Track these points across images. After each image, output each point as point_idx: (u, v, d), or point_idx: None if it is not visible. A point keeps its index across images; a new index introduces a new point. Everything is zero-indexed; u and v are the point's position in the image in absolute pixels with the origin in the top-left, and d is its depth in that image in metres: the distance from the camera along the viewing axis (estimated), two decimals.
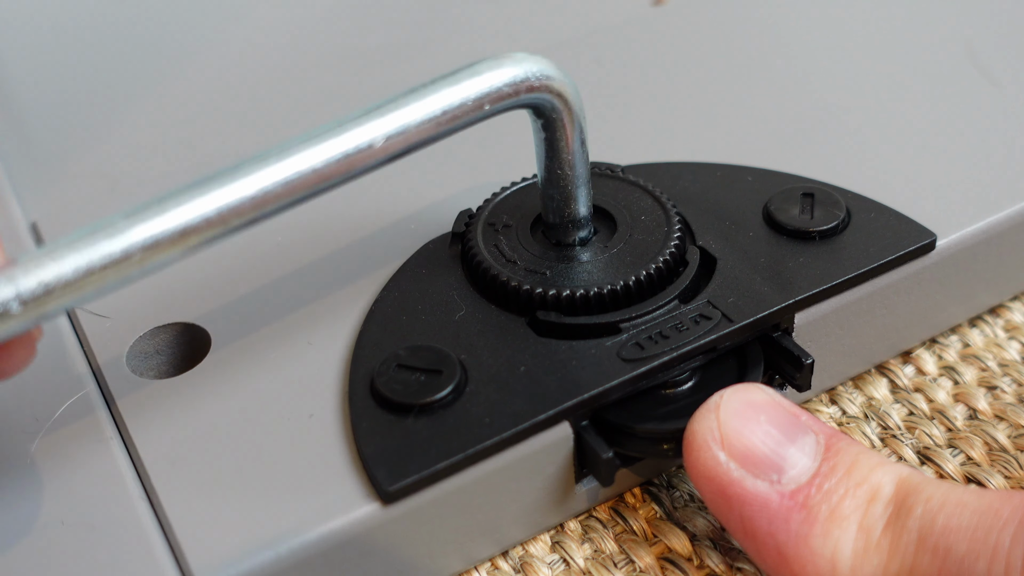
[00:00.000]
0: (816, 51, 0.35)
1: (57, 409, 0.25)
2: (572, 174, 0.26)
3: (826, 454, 0.23)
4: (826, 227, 0.27)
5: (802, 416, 0.24)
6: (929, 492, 0.22)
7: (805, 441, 0.23)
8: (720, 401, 0.23)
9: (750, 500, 0.22)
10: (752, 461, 0.23)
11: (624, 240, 0.27)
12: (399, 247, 0.29)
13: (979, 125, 0.31)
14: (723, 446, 0.23)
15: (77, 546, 0.23)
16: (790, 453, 0.23)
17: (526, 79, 0.24)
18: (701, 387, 0.25)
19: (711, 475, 0.23)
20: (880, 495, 0.22)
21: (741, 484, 0.23)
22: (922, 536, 0.21)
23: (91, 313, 0.27)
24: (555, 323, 0.26)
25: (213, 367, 0.26)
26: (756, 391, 0.24)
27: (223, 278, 0.28)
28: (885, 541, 0.21)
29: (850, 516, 0.22)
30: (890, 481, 0.22)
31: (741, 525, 0.23)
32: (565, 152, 0.25)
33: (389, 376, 0.25)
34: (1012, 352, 0.29)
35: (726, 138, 0.31)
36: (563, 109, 0.25)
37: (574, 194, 0.26)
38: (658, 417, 0.25)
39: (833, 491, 0.22)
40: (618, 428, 0.25)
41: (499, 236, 0.27)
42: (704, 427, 0.23)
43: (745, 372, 0.26)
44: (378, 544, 0.23)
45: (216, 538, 0.23)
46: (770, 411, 0.23)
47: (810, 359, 0.26)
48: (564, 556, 0.26)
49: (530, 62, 0.24)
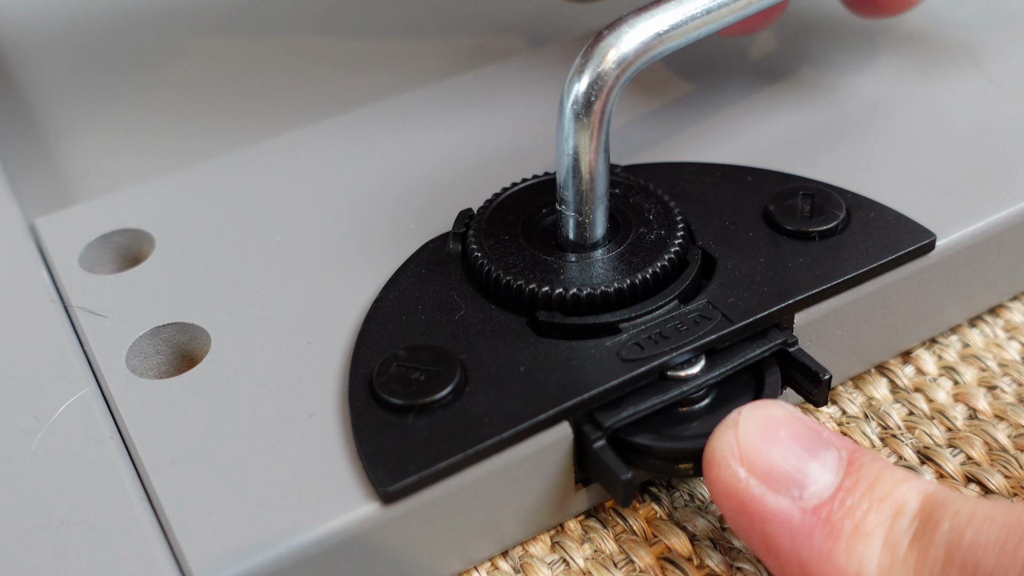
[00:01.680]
0: (816, 51, 0.35)
1: (57, 409, 0.25)
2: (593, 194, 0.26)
3: (848, 469, 0.22)
4: (826, 227, 0.27)
5: (823, 432, 0.23)
6: (956, 506, 0.21)
7: (827, 456, 0.23)
8: (739, 418, 0.23)
9: (771, 517, 0.22)
10: (773, 477, 0.22)
11: (625, 240, 0.27)
12: (399, 247, 0.29)
13: (979, 124, 0.31)
14: (743, 463, 0.23)
15: (77, 546, 0.23)
16: (811, 468, 0.22)
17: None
18: (718, 405, 0.25)
19: (731, 492, 0.23)
20: (905, 510, 0.22)
21: (762, 501, 0.22)
22: (950, 551, 0.21)
23: (91, 312, 0.27)
24: (555, 323, 0.26)
25: (213, 367, 0.26)
26: (775, 407, 0.24)
27: (223, 278, 0.28)
28: (911, 557, 0.21)
29: (875, 531, 0.22)
30: (915, 496, 0.22)
31: (764, 543, 0.22)
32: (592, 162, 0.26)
33: (389, 376, 0.25)
34: (1012, 352, 0.29)
35: (726, 138, 0.32)
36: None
37: (595, 218, 0.26)
38: (676, 436, 0.24)
39: (856, 506, 0.22)
40: (635, 448, 0.24)
41: (499, 236, 0.27)
42: (723, 444, 0.23)
43: (762, 388, 0.25)
44: (378, 544, 0.23)
45: (215, 538, 0.22)
46: (790, 427, 0.23)
47: (828, 374, 0.25)
48: (564, 556, 0.26)
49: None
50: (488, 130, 0.32)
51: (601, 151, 0.25)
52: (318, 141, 0.33)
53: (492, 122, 0.33)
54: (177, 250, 0.29)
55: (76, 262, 0.29)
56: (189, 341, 0.27)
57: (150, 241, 0.30)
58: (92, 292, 0.28)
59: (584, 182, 0.26)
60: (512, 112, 0.33)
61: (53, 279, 0.29)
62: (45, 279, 0.29)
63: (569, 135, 0.25)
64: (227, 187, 0.31)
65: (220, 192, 0.31)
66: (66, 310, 0.28)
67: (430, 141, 0.32)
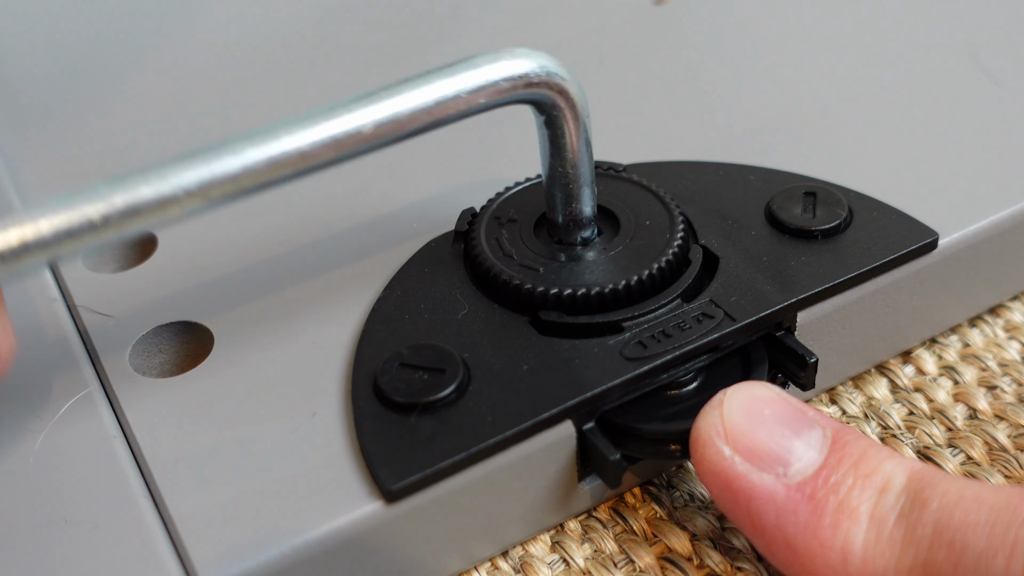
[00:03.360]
0: (818, 50, 0.35)
1: (60, 408, 0.25)
2: (575, 173, 0.26)
3: (833, 447, 0.23)
4: (828, 226, 0.27)
5: (808, 411, 0.24)
6: (945, 486, 0.21)
7: (811, 435, 0.23)
8: (724, 398, 0.24)
9: (756, 494, 0.22)
10: (757, 455, 0.23)
11: (627, 239, 0.27)
12: (402, 246, 0.29)
13: (981, 124, 0.31)
14: (727, 441, 0.23)
15: (81, 544, 0.23)
16: (795, 446, 0.23)
17: (525, 75, 0.24)
18: (706, 387, 0.25)
19: (717, 470, 0.23)
20: (891, 486, 0.22)
21: (747, 478, 0.23)
22: (938, 530, 0.21)
23: (94, 312, 0.28)
24: (558, 322, 0.26)
25: (216, 366, 0.26)
26: (760, 387, 0.24)
27: (226, 277, 0.28)
28: (898, 533, 0.21)
29: (859, 507, 0.22)
30: (901, 472, 0.22)
31: (749, 520, 0.23)
32: (568, 150, 0.25)
33: (392, 375, 0.25)
34: (1012, 352, 0.30)
35: (728, 137, 0.32)
36: (565, 106, 0.25)
37: (578, 194, 0.26)
38: (664, 418, 0.25)
39: (841, 483, 0.22)
40: (624, 430, 0.25)
41: (502, 235, 0.27)
42: (708, 423, 0.23)
43: (749, 371, 0.26)
44: (380, 543, 0.23)
45: (219, 536, 0.23)
46: (775, 406, 0.23)
47: (814, 357, 0.26)
48: (564, 556, 0.26)
49: (531, 58, 0.24)
50: (491, 129, 0.32)
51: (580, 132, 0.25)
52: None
53: (495, 122, 0.33)
54: (180, 249, 0.29)
55: (79, 261, 0.29)
56: (192, 340, 0.27)
57: (153, 240, 0.30)
58: (95, 291, 0.28)
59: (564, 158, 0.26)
60: (513, 112, 0.33)
61: (56, 278, 0.29)
62: (48, 278, 0.29)
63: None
64: None
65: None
66: (69, 309, 0.28)
67: (433, 140, 0.32)
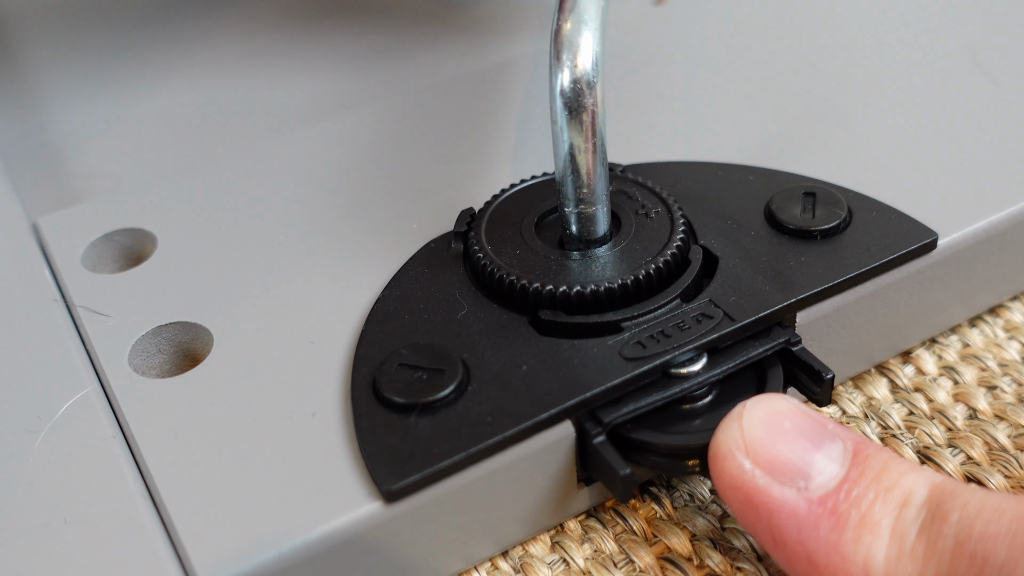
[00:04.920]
0: (818, 50, 0.35)
1: (59, 408, 0.25)
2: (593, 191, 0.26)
3: (854, 460, 0.23)
4: (828, 226, 0.27)
5: (828, 424, 0.23)
6: (965, 498, 0.21)
7: (832, 448, 0.23)
8: (743, 411, 0.23)
9: (777, 508, 0.22)
10: (778, 468, 0.22)
11: (627, 239, 0.27)
12: (401, 246, 0.29)
13: (980, 124, 0.31)
14: (748, 454, 0.23)
15: (80, 545, 0.23)
16: (816, 459, 0.22)
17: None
18: (720, 402, 0.25)
19: (737, 484, 0.23)
20: (912, 500, 0.22)
21: (768, 492, 0.22)
22: (959, 542, 0.21)
23: (93, 312, 0.28)
24: (557, 322, 0.26)
25: (215, 366, 0.26)
26: (780, 400, 0.24)
27: (225, 277, 0.28)
28: (920, 547, 0.21)
29: (881, 521, 0.22)
30: (923, 486, 0.22)
31: (770, 534, 0.22)
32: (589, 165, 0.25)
33: (391, 375, 0.25)
34: (1012, 352, 0.30)
35: (728, 137, 0.32)
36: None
37: (596, 216, 0.26)
38: (679, 432, 0.25)
39: (863, 496, 0.22)
40: (638, 445, 0.25)
41: (501, 235, 0.27)
42: (728, 437, 0.23)
43: (764, 385, 0.25)
44: (380, 543, 0.23)
45: (218, 536, 0.23)
46: (795, 419, 0.23)
47: (830, 373, 0.25)
48: (564, 556, 0.26)
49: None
50: (490, 129, 0.32)
51: (599, 146, 0.25)
52: (320, 140, 0.33)
53: (494, 121, 0.33)
54: (179, 249, 0.29)
55: (78, 261, 0.29)
56: (192, 340, 0.27)
57: (152, 240, 0.30)
58: (94, 291, 0.28)
59: (582, 178, 0.26)
60: (514, 111, 0.33)
61: (55, 278, 0.29)
62: (47, 278, 0.29)
63: (563, 129, 0.25)
64: (229, 186, 0.31)
65: (222, 191, 0.31)
66: (68, 309, 0.28)
67: (432, 140, 0.32)
